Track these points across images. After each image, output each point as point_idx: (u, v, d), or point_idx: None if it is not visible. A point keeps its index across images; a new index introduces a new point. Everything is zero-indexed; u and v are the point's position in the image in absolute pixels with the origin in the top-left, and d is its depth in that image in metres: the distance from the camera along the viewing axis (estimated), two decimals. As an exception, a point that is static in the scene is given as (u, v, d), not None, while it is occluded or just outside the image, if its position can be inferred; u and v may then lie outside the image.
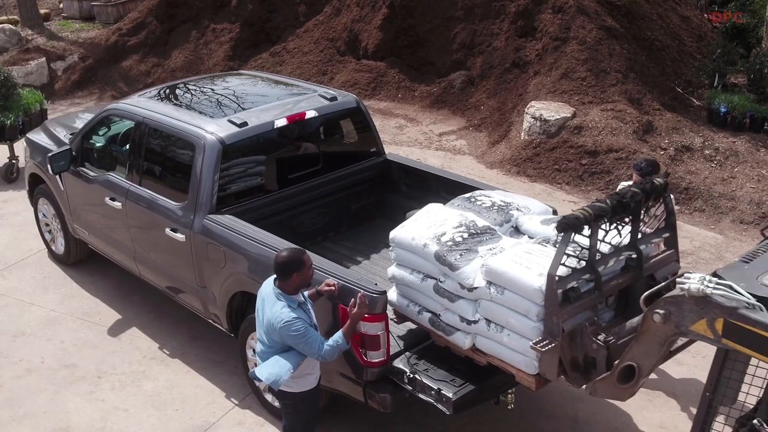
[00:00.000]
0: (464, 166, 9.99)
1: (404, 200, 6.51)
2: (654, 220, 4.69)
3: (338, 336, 4.52)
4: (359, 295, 4.59)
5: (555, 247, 4.22)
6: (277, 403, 5.54)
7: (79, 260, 7.76)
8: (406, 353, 5.00)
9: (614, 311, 4.60)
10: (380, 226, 6.49)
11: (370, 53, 12.68)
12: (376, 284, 4.91)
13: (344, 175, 6.57)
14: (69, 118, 8.38)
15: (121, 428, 5.71)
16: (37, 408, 5.94)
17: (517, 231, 5.02)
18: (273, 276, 4.61)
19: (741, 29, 11.95)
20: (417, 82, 12.36)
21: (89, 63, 14.11)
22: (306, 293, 4.70)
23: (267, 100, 6.54)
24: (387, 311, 4.82)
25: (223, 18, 14.25)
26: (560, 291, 4.11)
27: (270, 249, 5.29)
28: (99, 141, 7.09)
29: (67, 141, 7.32)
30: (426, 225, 4.84)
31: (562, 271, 4.11)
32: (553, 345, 4.12)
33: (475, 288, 4.46)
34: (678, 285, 3.43)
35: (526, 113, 10.21)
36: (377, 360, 4.82)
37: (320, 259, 5.07)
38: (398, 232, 4.90)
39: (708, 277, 3.36)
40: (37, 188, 7.79)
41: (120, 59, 14.16)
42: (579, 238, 4.17)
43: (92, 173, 6.90)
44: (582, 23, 11.06)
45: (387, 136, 10.50)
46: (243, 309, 5.75)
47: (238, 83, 7.24)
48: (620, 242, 4.41)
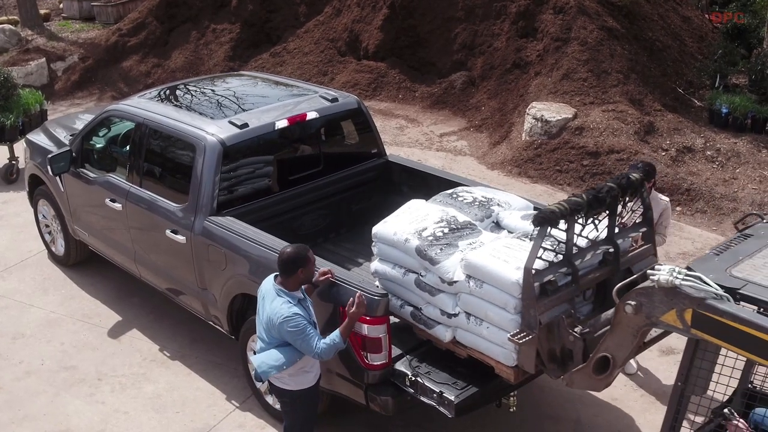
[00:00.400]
0: (465, 167, 9.97)
1: (405, 201, 6.45)
2: (633, 215, 4.76)
3: (335, 335, 4.52)
4: (357, 295, 4.60)
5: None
6: (278, 406, 5.53)
7: (79, 262, 7.74)
8: (408, 356, 4.98)
9: (592, 305, 4.69)
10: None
11: (371, 54, 12.66)
12: (378, 286, 4.89)
13: (345, 177, 6.55)
14: (69, 119, 8.36)
15: (122, 431, 5.69)
16: (37, 410, 5.92)
17: (498, 226, 5.12)
18: (273, 274, 4.63)
19: (742, 30, 11.93)
20: (418, 83, 12.34)
21: (89, 63, 14.09)
22: (303, 287, 4.71)
23: (268, 101, 6.52)
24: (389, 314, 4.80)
25: (224, 18, 14.23)
26: (537, 284, 4.19)
27: (271, 251, 5.27)
28: (99, 142, 7.07)
29: (67, 142, 7.30)
30: (408, 220, 4.94)
31: (539, 265, 4.19)
32: (531, 337, 4.21)
33: (455, 282, 4.55)
34: (649, 276, 3.51)
35: (527, 114, 10.19)
36: (379, 363, 4.80)
37: (321, 261, 5.06)
38: (380, 228, 5.00)
39: (677, 269, 3.44)
40: (37, 189, 7.77)
41: (120, 60, 14.14)
42: (557, 233, 4.25)
43: (92, 174, 6.88)
44: (583, 24, 11.04)
45: (388, 137, 10.47)
46: (244, 311, 5.73)
47: (239, 84, 7.22)
48: (597, 236, 4.50)
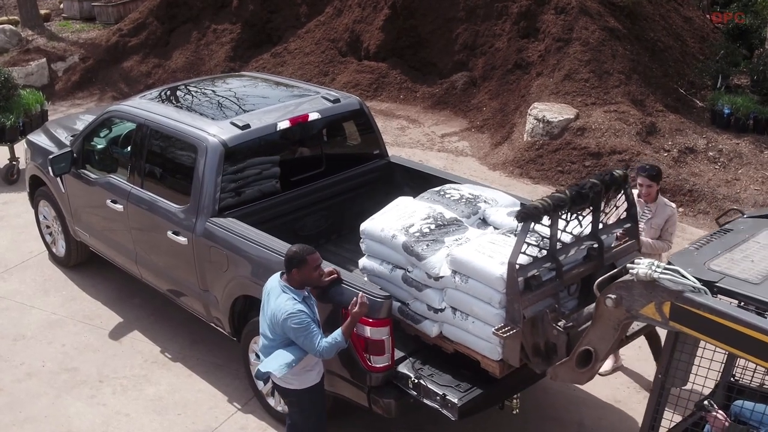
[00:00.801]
0: (467, 168, 9.95)
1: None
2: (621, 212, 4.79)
3: (337, 334, 4.52)
4: (360, 295, 4.60)
5: None
6: (280, 408, 5.52)
7: (80, 263, 7.72)
8: (411, 358, 4.96)
9: (578, 300, 4.73)
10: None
11: (372, 54, 12.64)
12: (381, 288, 4.87)
13: (347, 178, 6.53)
14: (70, 120, 8.35)
15: (123, 433, 5.68)
16: (38, 412, 5.90)
17: (485, 222, 5.18)
18: (279, 271, 4.66)
19: (744, 30, 11.92)
20: (419, 83, 12.32)
21: (90, 64, 14.07)
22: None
23: (269, 102, 6.51)
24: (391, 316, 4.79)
25: (224, 18, 14.21)
26: (521, 279, 4.24)
27: (272, 252, 5.26)
28: (100, 143, 7.05)
29: (68, 143, 7.28)
30: (395, 217, 5.00)
31: (523, 260, 4.24)
32: (515, 331, 4.26)
33: (441, 277, 4.60)
34: (628, 270, 3.57)
35: (529, 114, 10.17)
36: (382, 365, 4.78)
37: (322, 263, 5.03)
38: (368, 224, 5.05)
39: (656, 263, 3.50)
40: (38, 190, 7.75)
41: (120, 60, 14.12)
42: (541, 228, 4.32)
43: (93, 175, 6.86)
44: (585, 24, 11.02)
45: (389, 138, 10.45)
46: (245, 312, 5.71)
47: (240, 85, 7.20)
48: (581, 232, 4.56)
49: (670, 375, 3.69)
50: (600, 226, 4.63)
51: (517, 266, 4.18)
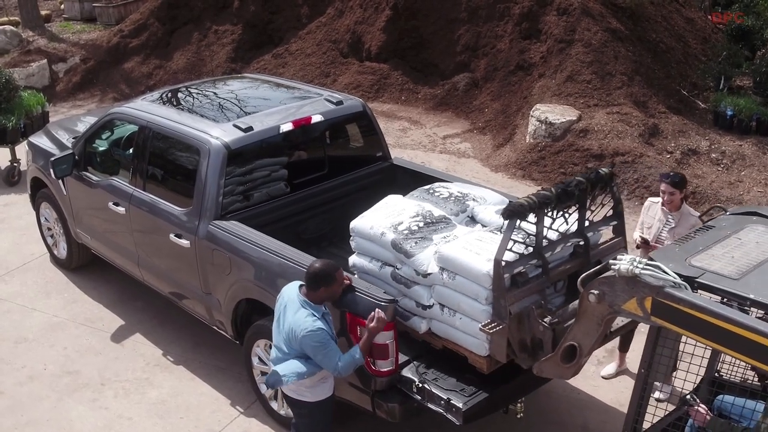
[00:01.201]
0: (469, 170, 9.93)
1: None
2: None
3: (355, 350, 4.48)
4: (377, 310, 4.54)
5: None
6: (283, 412, 5.50)
7: (82, 265, 7.69)
8: (415, 362, 4.94)
9: (565, 296, 4.76)
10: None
11: (373, 55, 12.62)
12: (385, 292, 4.85)
13: (350, 180, 6.51)
14: (71, 121, 8.32)
15: (125, 437, 5.65)
16: (40, 416, 5.87)
17: (473, 220, 5.24)
18: (298, 282, 4.58)
19: (746, 31, 11.89)
20: (420, 85, 12.30)
21: (91, 65, 14.05)
22: None
23: (272, 104, 6.48)
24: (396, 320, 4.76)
25: (225, 19, 14.19)
26: (508, 275, 4.29)
27: (275, 255, 5.24)
28: (102, 145, 7.03)
29: (70, 145, 7.26)
30: (384, 215, 5.06)
31: (510, 257, 4.30)
32: (501, 327, 4.31)
33: (429, 274, 4.65)
34: (610, 266, 3.62)
35: (531, 116, 10.14)
36: (386, 369, 4.75)
37: None
38: (358, 222, 5.11)
39: (638, 259, 3.55)
40: (39, 192, 7.73)
41: (121, 61, 14.10)
42: (528, 226, 4.37)
43: (95, 177, 6.84)
44: (587, 25, 11.00)
45: (391, 139, 10.42)
46: (248, 316, 5.69)
47: (243, 87, 7.18)
48: (567, 229, 4.61)
49: (653, 369, 3.77)
50: (586, 224, 4.69)
51: (503, 263, 4.23)
